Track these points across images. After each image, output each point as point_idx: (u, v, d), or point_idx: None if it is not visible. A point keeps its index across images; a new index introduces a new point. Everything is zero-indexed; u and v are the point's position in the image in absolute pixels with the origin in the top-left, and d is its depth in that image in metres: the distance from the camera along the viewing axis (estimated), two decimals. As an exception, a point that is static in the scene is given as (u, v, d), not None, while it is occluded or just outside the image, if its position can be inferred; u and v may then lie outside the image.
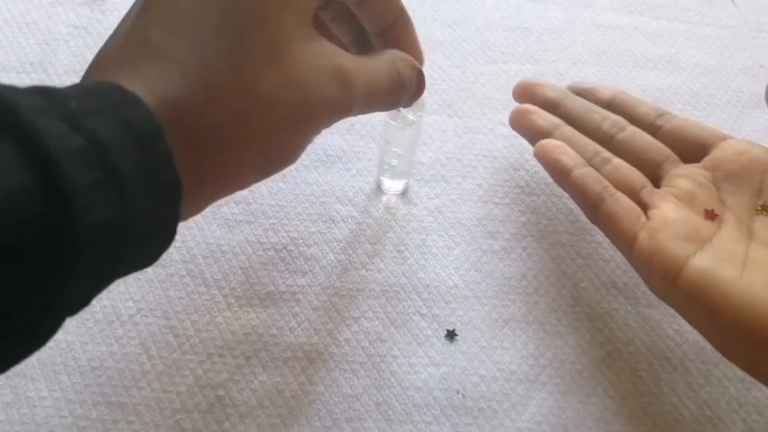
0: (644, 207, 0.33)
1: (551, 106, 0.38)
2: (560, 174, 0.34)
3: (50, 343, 0.32)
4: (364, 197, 0.38)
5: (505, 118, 0.42)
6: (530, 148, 0.41)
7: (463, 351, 0.33)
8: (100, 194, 0.17)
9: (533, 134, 0.37)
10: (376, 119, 0.41)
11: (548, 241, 0.37)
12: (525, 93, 0.39)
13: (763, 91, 0.44)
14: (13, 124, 0.17)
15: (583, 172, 0.34)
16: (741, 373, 0.33)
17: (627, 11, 0.49)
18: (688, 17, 0.49)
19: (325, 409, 0.31)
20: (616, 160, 0.35)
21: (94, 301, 0.34)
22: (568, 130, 0.36)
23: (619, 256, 0.36)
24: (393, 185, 0.38)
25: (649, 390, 0.32)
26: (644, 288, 0.35)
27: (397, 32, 0.30)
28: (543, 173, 0.40)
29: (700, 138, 0.35)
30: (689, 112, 0.43)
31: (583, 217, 0.38)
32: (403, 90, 0.29)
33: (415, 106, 0.32)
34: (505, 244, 0.37)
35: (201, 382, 0.32)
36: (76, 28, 0.45)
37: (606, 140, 0.36)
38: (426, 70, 0.31)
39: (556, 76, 0.45)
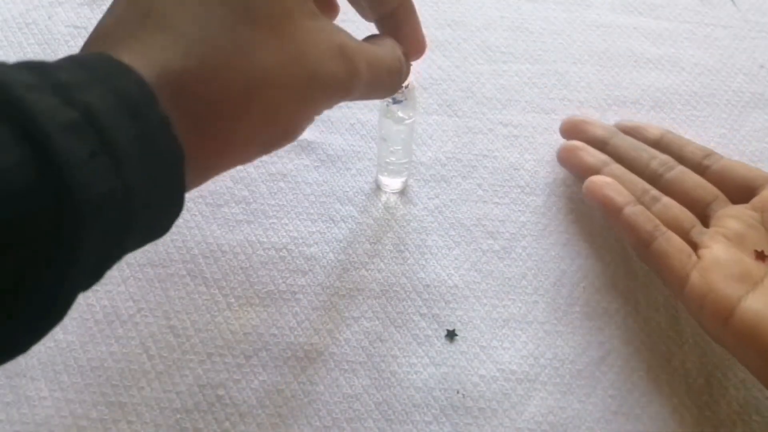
0: (694, 246, 0.33)
1: (599, 144, 0.38)
2: (611, 211, 0.35)
3: (50, 343, 0.32)
4: (363, 197, 0.38)
5: (505, 118, 0.42)
6: (530, 148, 0.41)
7: (463, 351, 0.33)
8: (97, 166, 0.17)
9: (582, 171, 0.37)
10: (376, 119, 0.41)
11: (548, 241, 0.37)
12: (573, 130, 0.39)
13: (763, 91, 0.44)
14: (4, 100, 0.16)
15: (635, 210, 0.34)
16: (741, 375, 0.33)
17: (627, 11, 0.49)
18: (688, 17, 0.49)
19: (325, 409, 0.31)
20: (666, 199, 0.35)
21: (94, 301, 0.34)
22: (617, 168, 0.37)
23: (620, 256, 0.36)
24: (391, 183, 0.38)
25: (649, 390, 0.32)
26: (644, 289, 0.35)
27: (399, 19, 0.29)
28: (543, 173, 0.40)
29: (747, 178, 0.35)
30: (689, 112, 0.43)
31: (584, 217, 0.38)
32: (401, 76, 0.29)
33: (407, 104, 0.32)
34: (505, 244, 0.37)
35: (201, 381, 0.32)
36: (76, 28, 0.45)
37: (654, 179, 0.36)
38: (426, 69, 0.31)
39: (556, 76, 0.45)
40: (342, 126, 0.41)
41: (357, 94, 0.26)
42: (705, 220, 0.35)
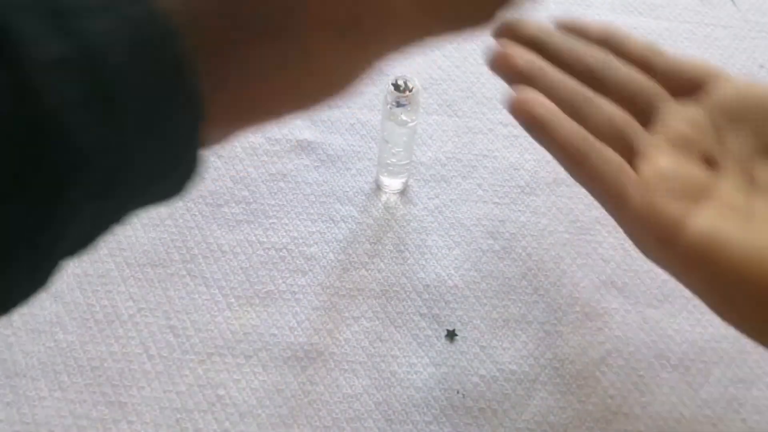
0: (634, 155, 0.29)
1: (535, 46, 0.33)
2: (537, 130, 0.30)
3: (50, 343, 0.32)
4: (363, 197, 0.38)
5: (506, 118, 0.42)
6: (530, 148, 0.41)
7: (463, 351, 0.33)
8: (86, 112, 0.14)
9: (513, 77, 0.32)
10: (376, 119, 0.41)
11: (548, 241, 0.37)
12: (507, 31, 0.34)
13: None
14: None
15: (563, 125, 0.30)
16: (741, 373, 0.33)
17: (627, 11, 0.49)
18: (688, 17, 0.49)
19: (325, 409, 0.31)
20: (602, 102, 0.31)
21: (94, 301, 0.34)
22: (551, 73, 0.32)
23: (619, 256, 0.36)
24: (392, 183, 0.38)
25: (649, 389, 0.32)
26: (644, 287, 0.35)
27: None
28: (543, 173, 0.40)
29: (695, 74, 0.31)
30: (689, 112, 0.43)
31: (584, 217, 0.38)
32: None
33: (410, 107, 0.32)
34: (505, 244, 0.37)
35: (201, 381, 0.32)
36: (76, 28, 0.45)
37: (592, 81, 0.32)
38: (426, 69, 0.31)
39: (556, 76, 0.45)
40: (342, 126, 0.41)
41: (432, 31, 0.22)
42: (648, 122, 0.31)
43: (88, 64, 0.14)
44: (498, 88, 0.44)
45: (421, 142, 0.41)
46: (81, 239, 0.17)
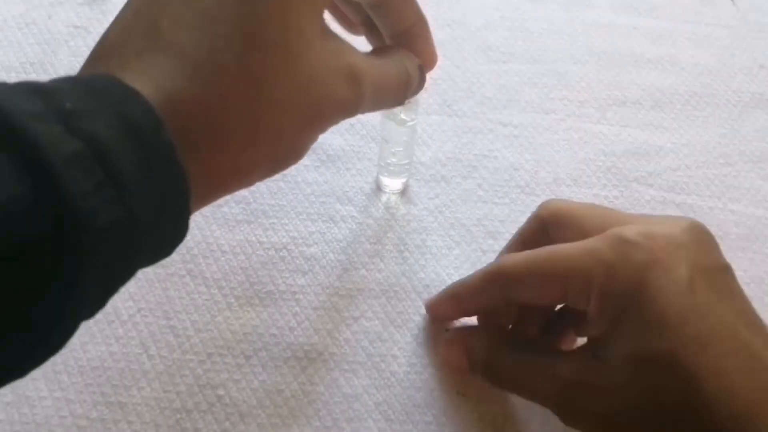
0: None
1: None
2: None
3: (50, 343, 0.32)
4: (364, 197, 0.38)
5: (505, 118, 0.42)
6: (530, 148, 0.41)
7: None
8: (103, 198, 0.17)
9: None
10: (376, 119, 0.41)
11: (548, 241, 0.37)
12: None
13: (763, 91, 0.44)
14: (7, 129, 0.16)
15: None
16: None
17: (627, 11, 0.49)
18: (688, 17, 0.49)
19: (325, 409, 0.31)
20: None
21: (94, 301, 0.34)
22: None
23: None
24: (392, 183, 0.38)
25: (649, 390, 0.32)
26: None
27: (413, 36, 0.30)
28: (543, 173, 0.40)
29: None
30: (689, 111, 0.43)
31: (583, 217, 0.38)
32: (409, 89, 0.29)
33: (409, 106, 0.32)
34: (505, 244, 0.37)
35: (201, 381, 0.32)
36: (76, 28, 0.45)
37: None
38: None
39: (556, 76, 0.45)
40: (342, 126, 0.41)
41: (363, 110, 0.26)
42: None
43: (98, 158, 0.17)
44: (498, 88, 0.44)
45: (421, 142, 0.41)
46: (95, 304, 0.19)
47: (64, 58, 0.43)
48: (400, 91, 0.29)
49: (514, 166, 0.40)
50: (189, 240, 0.36)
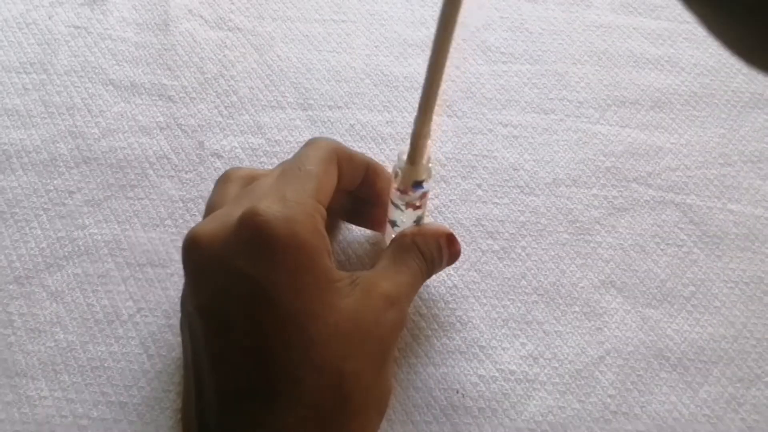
0: None
1: None
2: None
3: (50, 343, 0.32)
4: (363, 197, 0.38)
5: (505, 118, 0.42)
6: (529, 148, 0.41)
7: (463, 351, 0.33)
8: None
9: None
10: (376, 119, 0.41)
11: (547, 241, 0.37)
12: None
13: (763, 91, 0.45)
14: None
15: None
16: (740, 372, 0.33)
17: (627, 11, 0.49)
18: (688, 17, 0.49)
19: (324, 408, 0.31)
20: None
21: (95, 301, 0.34)
22: None
23: (618, 256, 0.36)
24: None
25: (648, 389, 0.32)
26: (643, 287, 0.35)
27: (368, 181, 0.32)
28: (542, 173, 0.40)
29: None
30: (689, 112, 0.43)
31: (583, 217, 0.38)
32: (435, 265, 0.31)
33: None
34: (504, 244, 0.37)
35: (201, 381, 0.32)
36: (76, 28, 0.45)
37: None
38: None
39: (556, 76, 0.45)
40: (342, 126, 0.41)
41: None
42: None
43: None
44: (498, 88, 0.44)
45: (421, 142, 0.41)
46: None
47: (64, 58, 0.43)
48: (426, 274, 0.30)
49: (513, 166, 0.40)
50: (189, 240, 0.36)
